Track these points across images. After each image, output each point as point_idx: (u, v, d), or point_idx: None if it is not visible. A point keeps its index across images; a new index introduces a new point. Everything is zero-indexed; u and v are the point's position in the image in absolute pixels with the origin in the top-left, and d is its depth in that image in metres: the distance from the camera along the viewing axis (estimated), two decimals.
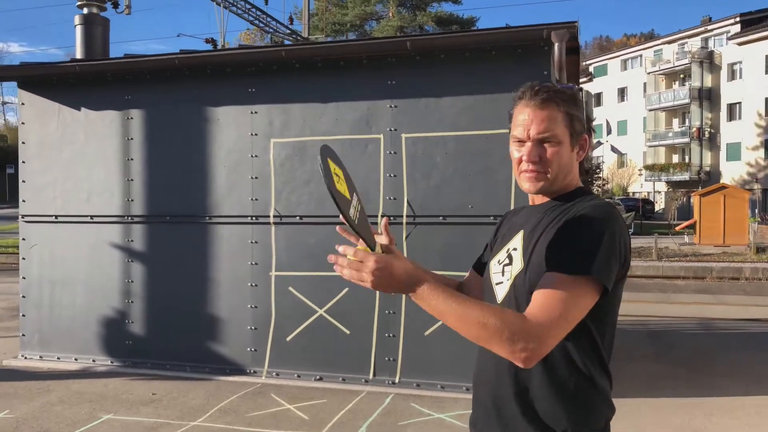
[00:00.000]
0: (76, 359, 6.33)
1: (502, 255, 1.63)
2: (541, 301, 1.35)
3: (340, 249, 1.36)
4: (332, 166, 1.41)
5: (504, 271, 1.58)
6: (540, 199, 1.63)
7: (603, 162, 38.43)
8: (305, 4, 25.12)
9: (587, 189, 1.63)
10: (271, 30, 24.32)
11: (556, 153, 1.54)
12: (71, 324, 6.38)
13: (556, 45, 5.14)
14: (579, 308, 1.36)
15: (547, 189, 1.58)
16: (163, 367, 6.04)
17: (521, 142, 1.56)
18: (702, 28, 42.83)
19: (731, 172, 38.83)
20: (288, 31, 24.47)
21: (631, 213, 29.03)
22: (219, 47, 20.49)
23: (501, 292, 1.57)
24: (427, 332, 5.49)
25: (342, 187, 1.39)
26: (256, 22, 23.44)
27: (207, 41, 20.59)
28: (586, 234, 1.42)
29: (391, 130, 5.65)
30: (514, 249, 1.58)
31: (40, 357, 6.44)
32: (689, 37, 43.51)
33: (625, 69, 49.05)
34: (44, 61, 7.19)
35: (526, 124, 1.54)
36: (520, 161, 1.58)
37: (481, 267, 1.78)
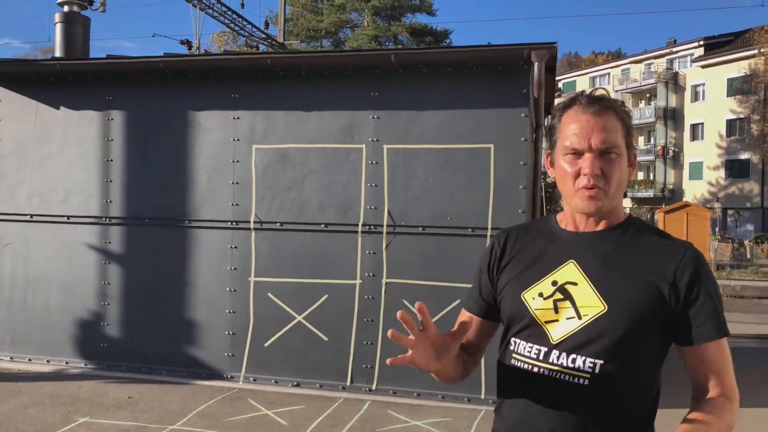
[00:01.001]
0: (48, 361, 6.25)
1: (544, 287, 1.43)
2: (722, 373, 1.38)
3: None
4: None
5: (557, 307, 1.41)
6: (589, 225, 1.45)
7: None
8: (281, 9, 25.13)
9: (635, 217, 1.54)
10: (246, 33, 24.22)
11: (618, 166, 1.39)
12: (44, 325, 6.30)
13: (536, 64, 5.31)
14: None
15: (604, 209, 1.40)
16: (139, 370, 6.01)
17: (577, 154, 1.39)
18: (668, 50, 44.04)
19: (693, 191, 39.92)
20: (263, 36, 24.43)
21: None
22: (194, 48, 20.37)
23: (560, 332, 1.40)
24: None
25: None
26: (232, 25, 23.31)
27: (182, 42, 20.40)
28: (716, 295, 1.40)
29: (373, 140, 5.74)
30: (571, 283, 1.41)
31: (11, 358, 6.34)
32: (655, 57, 44.69)
33: (594, 86, 50.05)
34: (23, 58, 7.11)
35: (585, 133, 1.37)
36: (576, 175, 1.39)
37: (483, 309, 1.58)
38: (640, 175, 45.24)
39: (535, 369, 1.41)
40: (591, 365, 1.36)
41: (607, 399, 1.36)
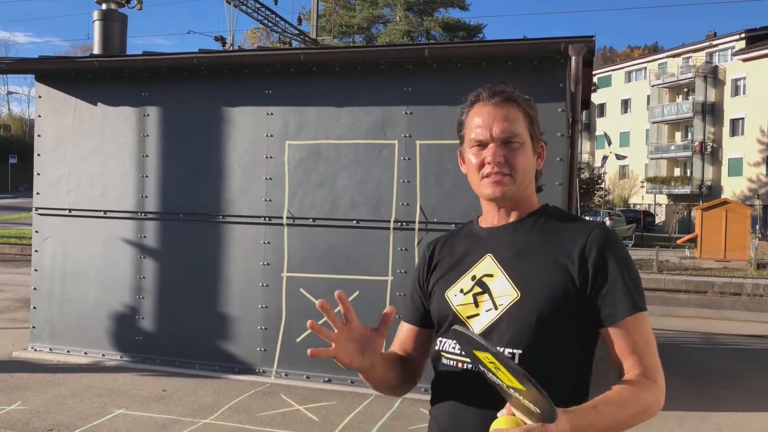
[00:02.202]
0: (85, 353, 6.37)
1: (465, 283, 1.46)
2: (641, 352, 1.33)
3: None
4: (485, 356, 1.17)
5: (477, 301, 1.42)
6: (502, 218, 1.50)
7: (605, 173, 38.55)
8: (314, 6, 25.20)
9: (552, 205, 1.55)
10: (279, 30, 24.35)
11: (521, 154, 1.44)
12: (82, 318, 6.42)
13: (573, 58, 5.20)
14: None
15: (512, 195, 1.45)
16: (173, 363, 6.08)
17: (481, 145, 1.45)
18: (707, 43, 42.95)
19: (732, 188, 38.90)
20: (296, 32, 24.52)
21: (632, 225, 29.16)
22: (228, 45, 20.55)
23: (480, 324, 1.40)
24: None
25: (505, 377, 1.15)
26: (265, 21, 23.47)
27: (216, 39, 20.62)
28: (626, 270, 1.37)
29: (405, 136, 5.70)
30: (488, 275, 1.43)
31: (50, 349, 6.48)
32: (694, 51, 43.63)
33: (629, 81, 49.15)
34: (63, 55, 7.25)
35: (486, 124, 1.44)
36: (481, 165, 1.45)
37: (418, 317, 1.58)
38: (677, 172, 44.30)
39: (460, 365, 1.40)
40: (510, 355, 1.34)
41: None
